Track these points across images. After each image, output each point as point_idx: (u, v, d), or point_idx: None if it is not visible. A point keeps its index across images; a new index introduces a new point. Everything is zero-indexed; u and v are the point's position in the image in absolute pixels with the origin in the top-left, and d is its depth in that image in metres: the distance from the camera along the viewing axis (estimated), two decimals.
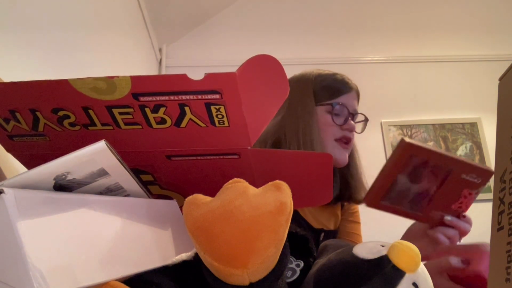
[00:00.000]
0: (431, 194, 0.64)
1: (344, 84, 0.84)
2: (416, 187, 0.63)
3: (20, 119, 0.40)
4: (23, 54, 0.82)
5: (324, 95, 0.82)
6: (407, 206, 0.64)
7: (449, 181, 0.63)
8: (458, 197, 0.65)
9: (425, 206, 0.65)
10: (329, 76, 0.85)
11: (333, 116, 0.81)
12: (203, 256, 0.33)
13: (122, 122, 0.40)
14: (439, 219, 0.66)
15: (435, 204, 0.65)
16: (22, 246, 0.25)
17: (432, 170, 0.62)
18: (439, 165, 0.61)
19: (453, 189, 0.64)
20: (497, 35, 2.50)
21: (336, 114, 0.81)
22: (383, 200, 0.63)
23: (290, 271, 0.49)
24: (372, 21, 2.52)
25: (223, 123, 0.40)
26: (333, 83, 0.83)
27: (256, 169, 0.47)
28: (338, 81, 0.84)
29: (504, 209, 0.29)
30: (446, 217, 0.65)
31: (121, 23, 1.68)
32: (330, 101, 0.82)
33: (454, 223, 0.65)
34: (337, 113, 0.82)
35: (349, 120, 0.82)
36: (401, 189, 0.63)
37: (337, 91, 0.83)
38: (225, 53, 2.39)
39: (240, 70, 0.37)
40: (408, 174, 0.62)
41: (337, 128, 0.81)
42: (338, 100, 0.82)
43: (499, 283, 0.28)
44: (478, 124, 2.32)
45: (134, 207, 0.39)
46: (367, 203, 0.64)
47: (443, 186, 0.63)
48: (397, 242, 0.37)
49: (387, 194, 0.62)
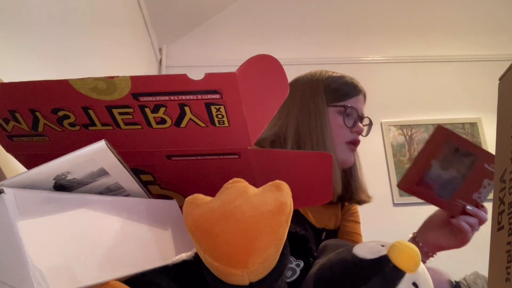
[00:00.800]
0: (457, 182, 0.66)
1: (354, 86, 0.85)
2: (446, 174, 0.66)
3: (20, 119, 0.40)
4: (23, 54, 0.82)
5: (335, 97, 0.84)
6: (436, 192, 0.67)
7: (474, 170, 0.66)
8: (479, 186, 0.68)
9: (451, 193, 0.68)
10: (339, 78, 0.86)
11: (344, 117, 0.82)
12: (203, 256, 0.33)
13: (122, 122, 0.40)
14: (461, 208, 0.68)
15: (460, 193, 0.68)
16: (22, 246, 0.25)
17: (461, 158, 0.64)
18: (468, 153, 0.65)
19: (476, 179, 0.67)
20: (497, 35, 2.50)
21: (348, 116, 0.83)
22: (417, 185, 0.67)
23: (290, 271, 0.49)
24: (372, 21, 2.52)
25: (223, 123, 0.40)
26: (343, 86, 0.85)
27: (256, 169, 0.47)
28: (348, 84, 0.85)
29: (504, 209, 0.29)
30: (468, 207, 0.67)
31: (121, 23, 1.68)
32: (341, 103, 0.83)
33: (475, 212, 0.67)
34: (348, 115, 0.83)
35: (358, 123, 0.84)
36: (433, 175, 0.66)
37: (347, 93, 0.84)
38: (225, 53, 2.39)
39: (240, 70, 0.37)
40: (441, 160, 0.64)
41: (347, 130, 0.83)
42: (348, 102, 0.84)
43: (499, 283, 0.28)
44: (478, 124, 2.32)
45: (134, 207, 0.39)
46: (401, 187, 0.68)
47: (468, 175, 0.66)
48: (397, 242, 0.37)
49: (421, 179, 0.66)
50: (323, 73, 0.88)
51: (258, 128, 0.43)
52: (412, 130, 2.31)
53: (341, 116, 0.83)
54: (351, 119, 0.83)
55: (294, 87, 0.85)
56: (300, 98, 0.84)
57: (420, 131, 2.31)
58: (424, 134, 2.30)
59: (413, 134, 2.30)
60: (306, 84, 0.86)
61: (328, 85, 0.85)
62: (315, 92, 0.84)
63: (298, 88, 0.85)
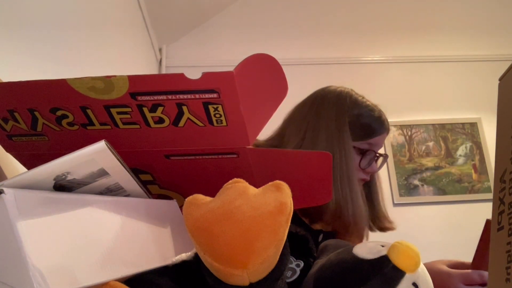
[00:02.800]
0: None
1: (381, 124, 0.81)
2: None
3: (18, 118, 0.40)
4: (23, 54, 0.82)
5: (359, 134, 0.79)
6: None
7: None
8: None
9: None
10: (366, 112, 0.81)
11: (362, 158, 0.79)
12: (203, 256, 0.33)
13: (120, 122, 0.40)
14: None
15: None
16: (22, 246, 0.25)
17: None
18: None
19: None
20: (497, 35, 2.50)
21: (365, 156, 0.80)
22: None
23: (290, 271, 0.49)
24: (372, 21, 2.52)
25: (221, 122, 0.40)
26: (371, 123, 0.80)
27: (255, 168, 0.47)
28: (376, 121, 0.80)
29: (504, 209, 0.29)
30: None
31: (121, 23, 1.68)
32: (363, 141, 0.79)
33: None
34: (366, 156, 0.80)
35: (373, 163, 0.81)
36: None
37: (372, 132, 0.80)
38: (225, 53, 2.39)
39: (238, 69, 0.36)
40: None
41: (360, 169, 0.80)
42: (370, 141, 0.80)
43: (499, 283, 0.28)
44: (478, 124, 2.32)
45: (134, 207, 0.39)
46: None
47: None
48: (397, 242, 0.37)
49: None
50: (348, 96, 0.82)
51: (256, 127, 0.43)
52: (412, 130, 2.31)
53: (359, 156, 0.79)
54: (367, 159, 0.80)
55: (321, 105, 0.81)
56: (326, 127, 0.78)
57: (420, 131, 2.31)
58: (424, 134, 2.30)
59: (413, 134, 2.30)
60: (331, 109, 0.80)
61: (354, 117, 0.79)
62: (340, 123, 0.78)
63: (323, 114, 0.80)
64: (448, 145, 2.29)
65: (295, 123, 0.82)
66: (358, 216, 0.74)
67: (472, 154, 2.28)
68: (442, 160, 2.25)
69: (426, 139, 2.30)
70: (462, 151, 2.29)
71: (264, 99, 0.43)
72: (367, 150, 0.80)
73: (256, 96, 0.41)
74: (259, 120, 0.43)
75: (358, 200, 0.75)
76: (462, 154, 2.28)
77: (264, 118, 0.44)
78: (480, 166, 2.24)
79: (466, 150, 2.29)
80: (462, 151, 2.29)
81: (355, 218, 0.74)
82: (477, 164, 2.25)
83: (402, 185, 2.18)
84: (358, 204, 0.75)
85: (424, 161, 2.25)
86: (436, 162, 2.25)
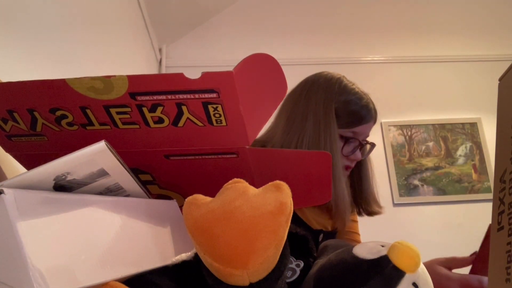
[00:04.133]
0: None
1: (367, 112, 0.80)
2: None
3: (18, 119, 0.40)
4: (23, 54, 0.82)
5: (345, 121, 0.79)
6: None
7: None
8: None
9: None
10: (354, 99, 0.80)
11: (344, 144, 0.80)
12: (203, 256, 0.33)
13: (120, 122, 0.40)
14: None
15: None
16: (22, 246, 0.25)
17: None
18: None
19: None
20: (496, 35, 2.50)
21: (348, 144, 0.80)
22: None
23: (290, 271, 0.49)
24: (372, 21, 2.52)
25: (221, 122, 0.40)
26: (357, 111, 0.80)
27: (255, 168, 0.47)
28: (363, 108, 0.80)
29: (504, 209, 0.29)
30: None
31: (121, 23, 1.68)
32: (348, 129, 0.80)
33: None
34: (349, 143, 0.80)
35: (356, 151, 0.81)
36: None
37: (358, 120, 0.80)
38: (225, 53, 2.39)
39: (237, 68, 0.36)
40: None
41: (342, 156, 0.80)
42: (355, 129, 0.80)
43: (499, 283, 0.28)
44: (478, 124, 2.32)
45: (134, 207, 0.39)
46: None
47: None
48: (397, 242, 0.37)
49: None
50: (338, 82, 0.82)
51: (256, 127, 0.43)
52: (412, 130, 2.31)
53: (342, 142, 0.80)
54: (350, 147, 0.80)
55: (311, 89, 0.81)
56: (314, 112, 0.79)
57: (420, 131, 2.31)
58: (424, 134, 2.30)
59: (413, 134, 2.30)
60: (320, 94, 0.80)
61: (341, 103, 0.79)
62: (327, 110, 0.78)
63: (313, 98, 0.80)
64: (448, 145, 2.29)
65: (286, 107, 0.83)
66: (341, 199, 0.75)
67: (472, 154, 2.28)
68: (442, 160, 2.25)
69: (426, 139, 2.30)
70: (462, 151, 2.29)
71: (264, 99, 0.43)
72: (351, 138, 0.80)
73: (256, 96, 0.41)
74: (258, 120, 0.43)
75: (340, 184, 0.76)
76: (462, 154, 2.28)
77: (264, 118, 0.44)
78: (480, 166, 2.24)
79: (466, 150, 2.29)
80: (462, 151, 2.29)
81: (337, 201, 0.75)
82: (477, 164, 2.25)
83: (402, 185, 2.18)
84: (341, 188, 0.75)
85: (424, 161, 2.25)
86: (436, 162, 2.25)
